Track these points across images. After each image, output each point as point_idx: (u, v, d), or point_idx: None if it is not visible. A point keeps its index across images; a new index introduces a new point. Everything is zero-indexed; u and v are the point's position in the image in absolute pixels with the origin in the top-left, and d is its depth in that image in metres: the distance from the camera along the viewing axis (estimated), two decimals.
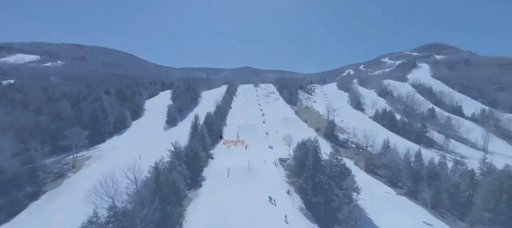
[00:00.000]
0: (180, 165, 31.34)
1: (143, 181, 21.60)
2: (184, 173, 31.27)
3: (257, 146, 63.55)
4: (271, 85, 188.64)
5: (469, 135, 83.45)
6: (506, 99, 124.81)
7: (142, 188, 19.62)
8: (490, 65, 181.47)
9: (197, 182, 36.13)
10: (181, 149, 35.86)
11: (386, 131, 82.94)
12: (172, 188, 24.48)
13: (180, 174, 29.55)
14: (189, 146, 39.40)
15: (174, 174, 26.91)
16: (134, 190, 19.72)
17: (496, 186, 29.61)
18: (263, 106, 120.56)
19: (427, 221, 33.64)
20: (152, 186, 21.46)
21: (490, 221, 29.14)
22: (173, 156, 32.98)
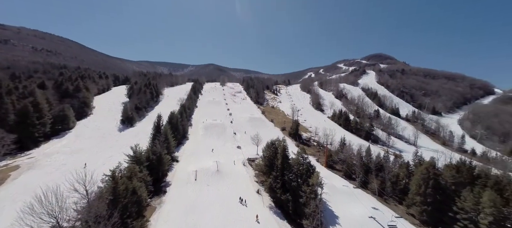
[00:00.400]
0: (141, 171, 28.22)
1: (96, 193, 18.52)
2: (146, 180, 28.32)
3: (225, 146, 62.49)
4: (238, 84, 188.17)
5: (404, 132, 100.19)
6: (429, 103, 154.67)
7: (96, 202, 16.78)
8: (418, 74, 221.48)
9: (161, 188, 33.22)
10: (142, 152, 32.33)
11: (342, 130, 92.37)
12: (133, 198, 21.82)
13: (142, 181, 26.64)
14: (151, 149, 35.86)
15: (134, 181, 24.04)
16: (86, 205, 16.68)
17: (424, 174, 36.23)
18: (231, 105, 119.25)
19: (375, 206, 38.91)
20: (109, 198, 18.64)
21: (421, 202, 35.62)
22: (133, 161, 29.47)
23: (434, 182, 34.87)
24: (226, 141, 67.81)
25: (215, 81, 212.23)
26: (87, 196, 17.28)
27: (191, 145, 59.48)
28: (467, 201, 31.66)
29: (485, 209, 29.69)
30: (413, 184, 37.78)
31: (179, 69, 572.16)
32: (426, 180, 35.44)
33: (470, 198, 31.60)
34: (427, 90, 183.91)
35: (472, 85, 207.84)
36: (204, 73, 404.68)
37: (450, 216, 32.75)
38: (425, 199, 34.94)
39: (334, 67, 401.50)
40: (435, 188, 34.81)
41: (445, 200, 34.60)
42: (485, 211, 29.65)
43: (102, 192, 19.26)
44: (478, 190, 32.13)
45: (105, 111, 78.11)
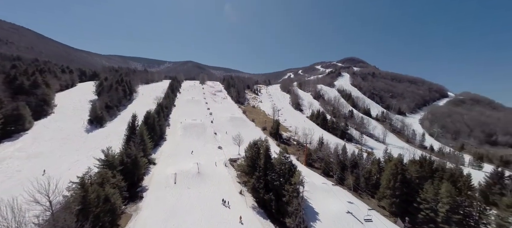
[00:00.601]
0: (114, 176, 25.99)
1: (62, 204, 16.46)
2: (121, 186, 26.18)
3: (205, 147, 60.90)
4: (219, 83, 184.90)
5: (375, 131, 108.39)
6: (395, 104, 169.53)
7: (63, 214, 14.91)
8: (386, 78, 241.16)
9: (137, 194, 31.01)
10: (115, 156, 29.78)
11: (320, 129, 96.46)
12: (106, 207, 19.96)
13: (115, 187, 24.56)
14: (125, 151, 33.25)
15: (107, 188, 22.03)
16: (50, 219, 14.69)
17: (393, 170, 39.60)
18: (211, 104, 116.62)
19: (350, 200, 41.48)
20: (78, 209, 16.74)
21: (390, 195, 38.87)
22: (105, 165, 26.99)
23: (401, 177, 38.30)
24: (207, 141, 66.17)
25: (194, 79, 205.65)
26: (51, 208, 15.28)
27: (170, 146, 56.76)
28: (429, 193, 35.41)
29: (443, 199, 33.54)
30: (384, 179, 41.03)
31: (154, 65, 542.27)
32: (395, 175, 38.78)
33: (430, 190, 35.40)
34: (394, 93, 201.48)
35: (431, 88, 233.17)
36: (183, 70, 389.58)
37: (414, 206, 36.31)
38: (394, 192, 38.22)
39: (312, 69, 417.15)
40: (402, 182, 38.27)
41: (410, 192, 38.24)
42: (443, 201, 33.49)
43: (69, 202, 17.24)
44: (437, 183, 36.16)
45: (69, 110, 70.44)
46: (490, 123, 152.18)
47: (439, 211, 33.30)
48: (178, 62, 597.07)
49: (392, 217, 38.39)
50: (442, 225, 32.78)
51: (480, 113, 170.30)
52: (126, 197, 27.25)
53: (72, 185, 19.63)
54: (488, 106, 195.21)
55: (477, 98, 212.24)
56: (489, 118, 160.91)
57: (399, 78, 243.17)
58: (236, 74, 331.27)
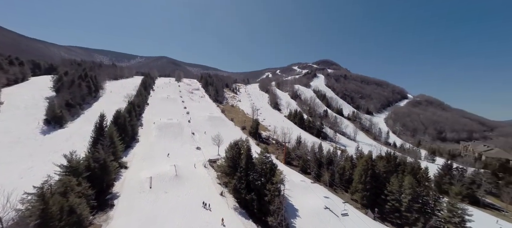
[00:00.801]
0: (80, 184, 23.29)
1: (16, 220, 14.08)
2: (87, 194, 23.58)
3: (183, 148, 58.44)
4: (196, 81, 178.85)
5: (347, 130, 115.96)
6: (364, 105, 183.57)
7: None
8: (356, 80, 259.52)
9: (106, 202, 28.26)
10: (80, 161, 26.69)
11: (298, 129, 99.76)
12: (71, 219, 17.74)
13: (81, 196, 22.04)
14: (92, 155, 30.04)
15: (72, 198, 19.62)
16: None
17: (365, 166, 42.80)
18: (188, 103, 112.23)
19: (327, 195, 43.89)
20: (36, 223, 14.52)
21: (362, 189, 41.97)
22: (68, 172, 24.00)
23: (371, 172, 41.63)
24: (184, 142, 63.55)
25: (169, 76, 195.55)
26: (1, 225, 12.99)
27: (143, 148, 53.06)
28: (394, 185, 39.14)
29: (406, 190, 37.39)
30: (356, 175, 44.15)
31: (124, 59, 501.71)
32: (366, 170, 41.99)
33: (396, 183, 39.17)
34: (363, 94, 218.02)
35: (394, 90, 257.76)
36: (156, 66, 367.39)
37: (382, 198, 39.81)
38: (365, 186, 41.38)
39: (289, 69, 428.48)
40: (372, 177, 41.63)
41: (378, 185, 41.81)
42: (406, 192, 37.34)
43: (25, 217, 14.90)
44: (401, 176, 40.15)
45: (20, 108, 61.17)
46: (440, 122, 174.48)
47: (403, 201, 37.06)
48: (151, 57, 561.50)
49: (363, 209, 41.55)
50: (405, 213, 36.55)
51: (433, 113, 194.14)
52: (94, 206, 24.66)
53: (28, 197, 17.00)
54: (439, 107, 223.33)
55: (431, 99, 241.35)
56: (439, 117, 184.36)
57: (367, 81, 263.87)
58: (214, 72, 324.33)
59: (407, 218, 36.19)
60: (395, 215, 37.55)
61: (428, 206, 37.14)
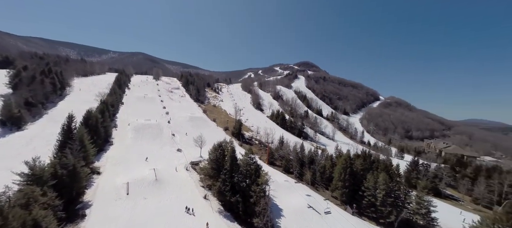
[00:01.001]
0: (45, 193, 20.77)
1: None
2: (54, 205, 21.14)
3: (163, 150, 55.73)
4: (176, 80, 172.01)
5: (326, 129, 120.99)
6: (342, 106, 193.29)
7: None
8: (334, 82, 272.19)
9: (77, 212, 25.64)
10: (44, 168, 23.83)
11: (280, 129, 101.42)
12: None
13: (47, 207, 19.69)
14: (59, 161, 27.03)
15: (36, 210, 17.41)
16: None
17: (344, 164, 44.97)
18: (167, 103, 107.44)
19: (309, 194, 45.29)
20: None
21: (342, 187, 44.02)
22: (30, 181, 21.26)
23: (350, 170, 43.90)
24: (164, 144, 60.68)
25: (146, 74, 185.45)
26: None
27: (118, 151, 49.40)
28: (370, 182, 41.73)
29: (380, 186, 40.09)
30: (336, 173, 46.19)
31: (94, 54, 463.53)
32: (345, 169, 44.17)
33: (371, 180, 41.80)
34: (340, 95, 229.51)
35: (367, 92, 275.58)
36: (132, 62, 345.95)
37: (360, 194, 42.19)
38: (344, 184, 43.52)
39: (271, 70, 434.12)
40: (350, 175, 43.92)
41: (356, 182, 44.23)
42: (380, 188, 40.03)
43: None
44: (376, 173, 42.95)
45: None
46: (407, 122, 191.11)
47: (378, 196, 39.70)
48: (125, 53, 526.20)
49: (342, 205, 43.65)
50: (380, 207, 39.20)
51: (401, 113, 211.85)
52: (62, 218, 22.22)
53: None
54: (406, 108, 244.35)
55: (400, 101, 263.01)
56: (406, 117, 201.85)
57: (344, 83, 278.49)
58: (195, 71, 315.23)
59: (382, 212, 38.86)
60: (371, 209, 40.06)
61: (400, 200, 40.28)
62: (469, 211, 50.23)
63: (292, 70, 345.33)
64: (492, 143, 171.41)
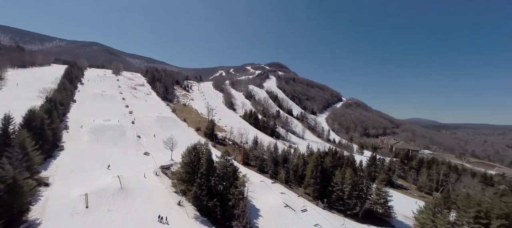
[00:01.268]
0: None
1: None
2: None
3: (127, 154, 50.51)
4: (140, 75, 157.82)
5: (296, 129, 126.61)
6: (310, 106, 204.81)
7: None
8: (303, 83, 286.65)
9: None
10: None
11: (253, 129, 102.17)
12: None
13: None
14: None
15: None
16: None
17: (315, 163, 47.70)
18: (130, 101, 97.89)
19: (283, 191, 46.86)
20: None
21: (314, 184, 46.63)
22: None
23: (321, 168, 46.81)
24: (128, 147, 55.11)
25: (104, 68, 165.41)
26: None
27: (71, 158, 42.74)
28: (338, 178, 45.24)
29: (347, 181, 43.80)
30: (308, 171, 48.72)
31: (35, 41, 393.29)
32: (316, 166, 46.92)
33: (339, 175, 45.36)
34: (308, 96, 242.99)
35: (332, 94, 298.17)
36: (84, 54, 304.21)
37: (329, 189, 45.37)
38: (316, 181, 46.21)
39: (243, 69, 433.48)
40: (321, 172, 46.87)
41: (326, 179, 47.42)
42: (347, 182, 43.74)
43: None
44: (343, 169, 46.76)
45: None
46: (365, 121, 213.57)
47: (345, 190, 43.31)
48: (76, 42, 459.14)
49: (314, 200, 46.31)
50: (347, 200, 42.83)
51: (360, 113, 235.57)
52: None
53: None
54: (363, 108, 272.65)
55: (358, 102, 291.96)
56: (364, 117, 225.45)
57: (312, 84, 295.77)
58: (161, 67, 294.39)
59: (349, 204, 42.53)
60: (339, 203, 43.47)
61: (363, 192, 44.69)
62: (415, 197, 58.95)
63: (263, 70, 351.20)
64: (429, 138, 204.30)
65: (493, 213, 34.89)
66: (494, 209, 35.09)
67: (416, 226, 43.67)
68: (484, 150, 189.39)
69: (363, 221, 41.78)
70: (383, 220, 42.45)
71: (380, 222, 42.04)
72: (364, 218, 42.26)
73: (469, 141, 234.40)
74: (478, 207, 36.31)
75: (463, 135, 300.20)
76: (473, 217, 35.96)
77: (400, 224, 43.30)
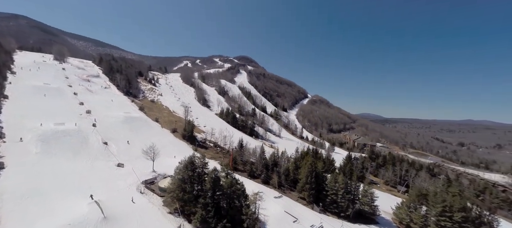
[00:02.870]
0: None
1: None
2: None
3: (94, 168, 41.73)
4: (92, 64, 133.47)
5: (273, 127, 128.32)
6: (281, 103, 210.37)
7: None
8: (273, 79, 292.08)
9: None
10: None
11: (232, 128, 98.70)
12: None
13: None
14: None
15: None
16: None
17: (309, 168, 48.57)
18: (85, 96, 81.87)
19: (276, 196, 46.62)
20: None
21: (309, 188, 47.51)
22: None
23: (315, 174, 47.95)
24: (94, 158, 45.71)
25: (41, 51, 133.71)
26: None
27: (18, 179, 32.34)
28: (331, 182, 47.21)
29: (340, 185, 46.05)
30: (302, 176, 49.33)
31: None
32: (311, 172, 47.86)
33: (332, 180, 47.37)
34: (278, 92, 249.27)
35: (299, 90, 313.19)
36: (7, 30, 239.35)
37: (324, 193, 47.01)
38: (311, 186, 47.19)
39: (210, 60, 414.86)
40: (315, 177, 48.07)
41: (319, 182, 48.99)
42: (340, 186, 45.99)
43: None
44: (335, 174, 49.01)
45: None
46: (329, 117, 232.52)
47: (339, 193, 45.51)
48: None
49: (309, 205, 47.40)
50: (341, 203, 45.11)
51: (324, 110, 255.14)
52: None
53: None
54: (326, 105, 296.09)
55: (322, 99, 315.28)
56: (328, 113, 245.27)
57: (281, 81, 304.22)
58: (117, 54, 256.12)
59: (342, 206, 44.92)
60: (333, 206, 45.54)
61: (351, 193, 47.85)
62: (384, 192, 66.84)
63: (233, 63, 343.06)
64: (379, 132, 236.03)
65: (454, 208, 41.81)
66: (455, 205, 42.15)
67: (394, 220, 49.33)
68: (418, 142, 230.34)
69: (353, 221, 44.81)
70: (370, 218, 46.42)
71: (367, 221, 45.86)
72: (354, 218, 45.39)
73: (407, 134, 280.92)
74: (443, 203, 42.97)
75: (402, 129, 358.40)
76: (440, 211, 42.53)
77: (382, 220, 48.16)
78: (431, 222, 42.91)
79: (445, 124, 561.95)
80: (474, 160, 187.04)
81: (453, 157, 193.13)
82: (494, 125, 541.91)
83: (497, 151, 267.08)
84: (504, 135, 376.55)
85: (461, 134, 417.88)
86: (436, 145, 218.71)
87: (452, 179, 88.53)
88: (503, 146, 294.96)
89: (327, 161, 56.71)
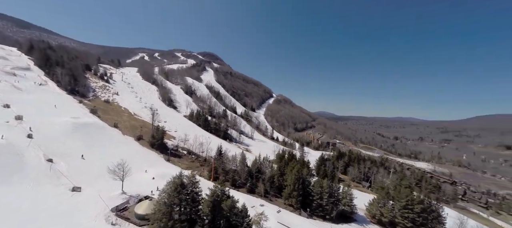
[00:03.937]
0: None
1: None
2: None
3: (41, 196, 32.18)
4: (19, 52, 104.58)
5: (245, 129, 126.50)
6: (249, 102, 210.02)
7: None
8: (240, 78, 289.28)
9: None
10: None
11: (205, 132, 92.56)
12: None
13: None
14: None
15: None
16: None
17: (296, 176, 49.02)
18: (11, 96, 63.57)
19: (262, 203, 45.67)
20: None
21: (297, 195, 47.92)
22: None
23: (301, 181, 48.69)
24: (37, 182, 35.35)
25: None
26: None
27: None
28: (316, 188, 48.79)
29: (325, 190, 48.01)
30: (289, 183, 49.46)
31: None
32: (298, 179, 48.40)
33: (317, 185, 49.02)
34: (246, 92, 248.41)
35: (265, 90, 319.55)
36: None
37: (310, 199, 48.20)
38: (298, 193, 47.71)
39: (172, 54, 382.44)
40: (301, 184, 48.84)
41: (305, 189, 50.04)
42: (325, 191, 47.94)
43: None
44: (320, 180, 50.87)
45: None
46: (293, 116, 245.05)
47: (324, 198, 47.37)
48: None
49: (296, 210, 47.88)
50: (326, 206, 47.03)
51: (289, 109, 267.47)
52: None
53: None
54: (290, 104, 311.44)
55: (286, 98, 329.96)
56: (292, 112, 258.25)
57: (248, 80, 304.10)
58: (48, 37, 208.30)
59: (327, 210, 46.94)
60: (319, 210, 47.18)
61: (334, 196, 50.60)
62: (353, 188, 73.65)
63: (197, 60, 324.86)
64: (336, 129, 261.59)
65: (415, 201, 48.84)
66: (416, 199, 49.36)
67: (367, 215, 54.50)
68: (366, 137, 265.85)
69: (337, 222, 47.44)
70: (350, 217, 49.99)
71: (348, 220, 49.26)
72: (337, 219, 48.11)
73: (356, 130, 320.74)
74: (406, 198, 49.75)
75: (352, 126, 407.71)
76: (404, 205, 49.07)
77: (359, 217, 52.60)
78: (397, 214, 49.09)
79: (383, 120, 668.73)
80: (407, 152, 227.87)
81: (392, 150, 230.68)
82: (417, 122, 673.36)
83: (420, 143, 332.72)
84: (424, 129, 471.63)
85: (395, 129, 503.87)
86: (379, 139, 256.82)
87: (398, 170, 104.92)
88: (424, 138, 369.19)
89: (306, 164, 58.59)
